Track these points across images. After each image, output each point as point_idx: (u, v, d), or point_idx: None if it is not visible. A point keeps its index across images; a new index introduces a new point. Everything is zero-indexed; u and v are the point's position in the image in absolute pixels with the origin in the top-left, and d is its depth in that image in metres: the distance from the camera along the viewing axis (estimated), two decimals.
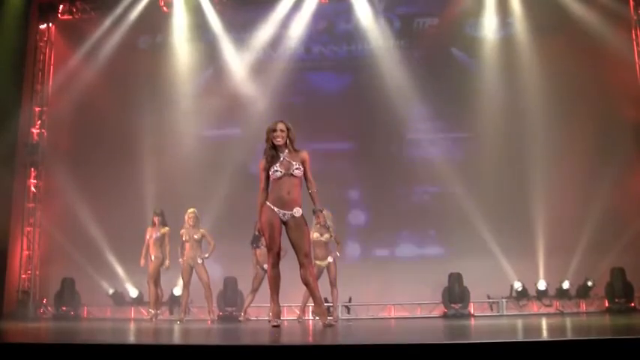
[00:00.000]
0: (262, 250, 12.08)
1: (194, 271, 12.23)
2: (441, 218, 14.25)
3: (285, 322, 11.38)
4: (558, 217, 13.89)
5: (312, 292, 7.52)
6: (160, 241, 12.54)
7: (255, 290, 12.18)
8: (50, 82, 16.39)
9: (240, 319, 12.45)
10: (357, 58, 15.81)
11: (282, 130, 7.35)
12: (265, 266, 12.01)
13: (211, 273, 12.44)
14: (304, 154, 7.35)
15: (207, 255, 12.29)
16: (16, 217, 15.50)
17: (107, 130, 15.32)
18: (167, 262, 12.51)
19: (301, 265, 7.38)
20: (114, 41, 15.68)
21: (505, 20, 15.13)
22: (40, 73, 16.35)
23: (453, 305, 13.69)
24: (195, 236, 12.28)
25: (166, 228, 12.62)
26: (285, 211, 7.26)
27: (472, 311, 13.86)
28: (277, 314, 7.48)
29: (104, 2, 16.14)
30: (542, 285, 13.89)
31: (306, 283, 7.42)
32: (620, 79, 14.48)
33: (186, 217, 12.38)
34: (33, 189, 15.84)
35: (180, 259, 12.30)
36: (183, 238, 12.30)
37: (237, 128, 15.02)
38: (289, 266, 7.68)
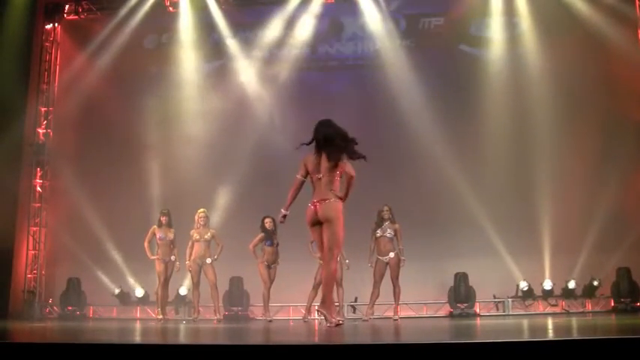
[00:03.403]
0: (274, 248, 12.19)
1: (202, 270, 12.30)
2: (447, 218, 14.23)
3: (291, 322, 11.41)
4: (564, 217, 13.88)
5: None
6: (171, 242, 12.59)
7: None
8: (56, 82, 16.40)
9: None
10: (363, 58, 15.83)
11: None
12: (278, 262, 12.18)
13: (217, 272, 12.47)
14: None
15: (216, 256, 12.36)
16: (22, 217, 15.53)
17: (113, 130, 15.33)
18: (177, 263, 12.59)
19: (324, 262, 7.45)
20: (120, 41, 15.68)
21: (511, 20, 15.11)
22: (46, 73, 16.35)
23: (458, 305, 13.68)
24: (206, 236, 12.36)
25: (173, 229, 12.69)
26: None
27: (478, 311, 13.86)
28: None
29: (110, 2, 16.16)
30: (548, 284, 13.86)
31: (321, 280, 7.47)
32: (626, 79, 14.45)
33: (196, 218, 12.47)
34: (39, 189, 15.85)
35: (188, 261, 12.34)
36: (194, 238, 12.35)
37: (243, 128, 15.00)
38: (289, 266, 7.70)
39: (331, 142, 7.36)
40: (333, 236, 7.31)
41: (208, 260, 12.28)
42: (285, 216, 7.45)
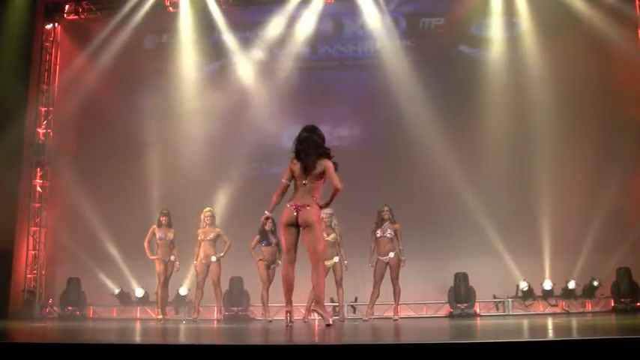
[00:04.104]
0: (272, 248, 12.19)
1: (208, 268, 12.29)
2: (447, 218, 14.20)
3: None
4: (564, 217, 13.87)
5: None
6: (170, 242, 12.58)
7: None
8: (56, 82, 16.42)
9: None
10: (363, 58, 15.83)
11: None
12: (278, 263, 12.16)
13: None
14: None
15: (222, 254, 12.34)
16: (22, 217, 15.53)
17: (113, 130, 15.32)
18: (177, 263, 12.59)
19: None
20: (120, 41, 15.70)
21: (511, 20, 15.11)
22: (46, 73, 16.36)
23: (458, 305, 13.67)
24: (210, 236, 12.33)
25: (172, 229, 12.68)
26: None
27: (478, 311, 13.85)
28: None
29: (110, 2, 16.18)
30: (548, 285, 13.85)
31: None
32: (626, 79, 14.44)
33: (202, 217, 12.45)
34: (39, 189, 15.86)
35: (195, 261, 12.34)
36: (199, 238, 12.34)
37: (242, 127, 15.00)
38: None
39: (311, 151, 7.38)
40: (317, 240, 7.39)
41: (213, 259, 12.28)
42: (268, 218, 7.51)
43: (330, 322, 7.36)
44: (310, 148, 7.35)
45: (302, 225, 7.34)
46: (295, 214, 7.31)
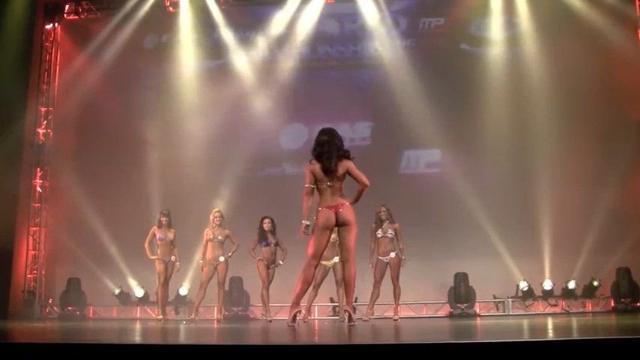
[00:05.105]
0: (271, 249, 12.17)
1: (216, 269, 12.24)
2: (447, 218, 14.20)
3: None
4: (564, 217, 13.87)
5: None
6: (171, 243, 12.57)
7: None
8: (56, 82, 16.39)
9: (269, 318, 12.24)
10: (363, 58, 15.83)
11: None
12: (278, 263, 12.16)
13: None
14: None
15: (230, 254, 12.30)
16: (22, 217, 15.51)
17: (113, 130, 15.30)
18: (177, 264, 12.58)
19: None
20: (120, 41, 15.67)
21: (511, 20, 15.11)
22: (46, 73, 16.34)
23: (458, 305, 13.67)
24: (220, 237, 12.29)
25: (173, 230, 12.67)
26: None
27: (478, 311, 13.85)
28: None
29: (110, 2, 16.17)
30: (548, 285, 13.86)
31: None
32: (626, 79, 14.44)
33: (211, 217, 12.41)
34: (39, 189, 15.85)
35: (201, 261, 12.30)
36: (207, 238, 12.30)
37: (243, 128, 15.00)
38: (290, 266, 7.80)
39: (333, 153, 7.47)
40: (354, 238, 7.55)
41: (221, 259, 12.23)
42: (307, 226, 7.54)
43: (354, 324, 7.62)
44: (332, 150, 7.47)
45: (341, 224, 7.48)
46: (335, 215, 7.44)
